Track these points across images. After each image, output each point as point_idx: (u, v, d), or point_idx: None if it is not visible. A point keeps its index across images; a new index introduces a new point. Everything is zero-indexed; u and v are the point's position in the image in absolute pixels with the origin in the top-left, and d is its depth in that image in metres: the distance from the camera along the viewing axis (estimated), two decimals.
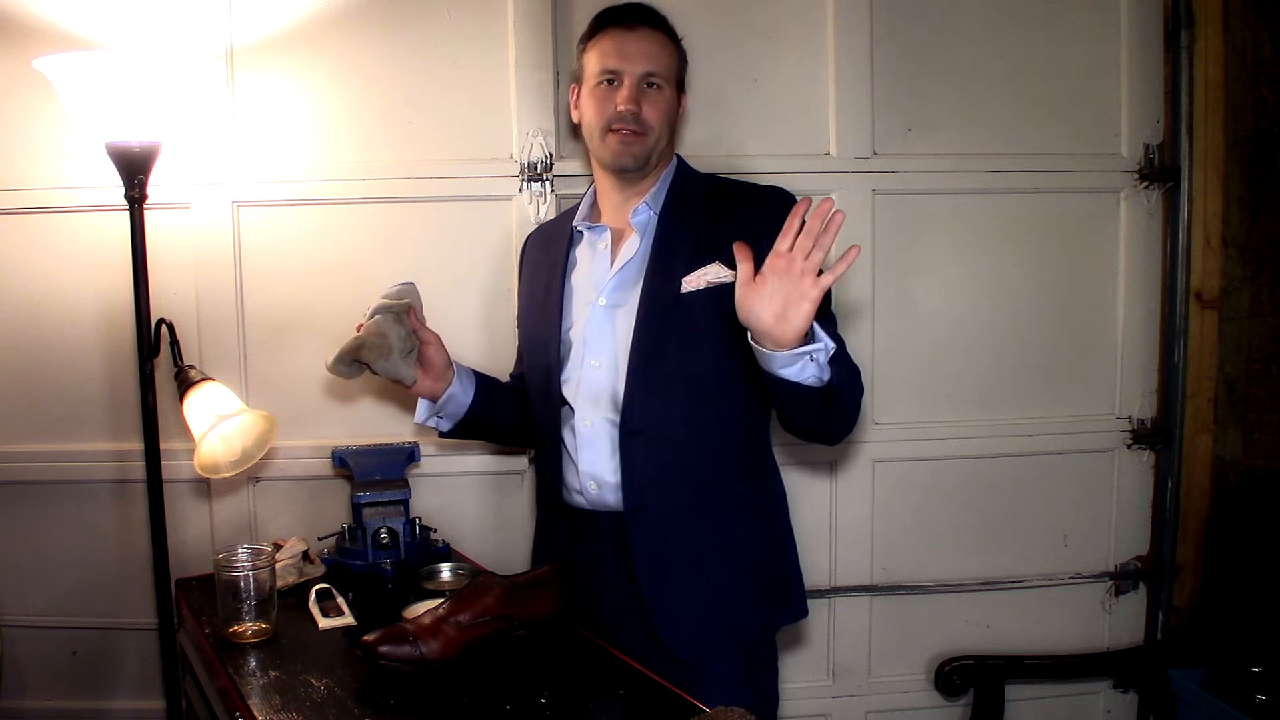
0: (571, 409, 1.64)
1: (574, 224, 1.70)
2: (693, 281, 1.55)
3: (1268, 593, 2.12)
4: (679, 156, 1.70)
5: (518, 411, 1.81)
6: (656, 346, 1.56)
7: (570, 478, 1.66)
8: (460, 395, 1.72)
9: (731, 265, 1.39)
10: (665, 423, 1.57)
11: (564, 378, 1.65)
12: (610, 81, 1.60)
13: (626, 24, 1.62)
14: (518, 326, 1.87)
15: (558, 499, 1.69)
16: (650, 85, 1.60)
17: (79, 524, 2.12)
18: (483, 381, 1.77)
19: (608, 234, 1.66)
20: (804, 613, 1.73)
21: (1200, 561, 2.29)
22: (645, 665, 1.40)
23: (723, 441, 1.60)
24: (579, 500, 1.65)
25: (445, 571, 1.81)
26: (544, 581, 1.47)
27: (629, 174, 1.63)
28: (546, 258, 1.74)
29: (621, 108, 1.58)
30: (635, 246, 1.62)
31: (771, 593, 1.66)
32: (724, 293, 1.48)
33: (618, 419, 1.58)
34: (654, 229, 1.62)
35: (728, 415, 1.60)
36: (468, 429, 1.78)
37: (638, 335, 1.57)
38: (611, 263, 1.63)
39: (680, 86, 1.66)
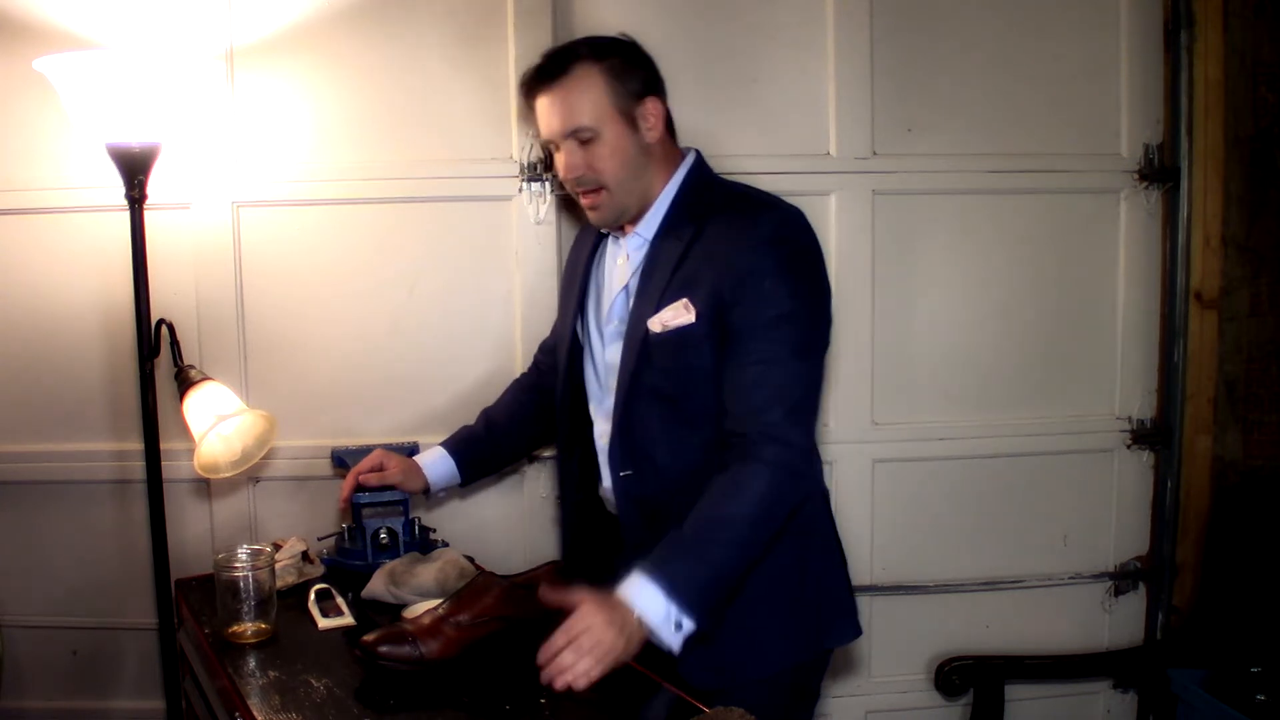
0: (591, 422, 1.64)
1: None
2: (656, 324, 1.47)
3: (1268, 593, 2.12)
4: (697, 154, 1.59)
5: (523, 440, 1.89)
6: (636, 386, 1.51)
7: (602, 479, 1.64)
8: (445, 480, 1.82)
9: (696, 300, 1.42)
10: (653, 463, 1.52)
11: (586, 390, 1.66)
12: (557, 148, 1.54)
13: (539, 90, 1.53)
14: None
15: (592, 493, 1.67)
16: (585, 140, 1.50)
17: (79, 524, 2.12)
18: (467, 449, 1.82)
19: (624, 250, 1.60)
20: (851, 634, 1.64)
21: (1200, 561, 2.29)
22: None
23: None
24: (610, 501, 1.63)
25: None
26: (544, 582, 1.47)
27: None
28: (579, 254, 1.71)
29: (563, 176, 1.54)
30: (632, 273, 1.56)
31: (802, 617, 1.56)
32: (687, 333, 1.45)
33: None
34: (645, 254, 1.54)
35: (717, 450, 1.47)
36: (482, 473, 1.88)
37: (621, 374, 1.53)
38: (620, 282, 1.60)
39: (636, 101, 1.51)
